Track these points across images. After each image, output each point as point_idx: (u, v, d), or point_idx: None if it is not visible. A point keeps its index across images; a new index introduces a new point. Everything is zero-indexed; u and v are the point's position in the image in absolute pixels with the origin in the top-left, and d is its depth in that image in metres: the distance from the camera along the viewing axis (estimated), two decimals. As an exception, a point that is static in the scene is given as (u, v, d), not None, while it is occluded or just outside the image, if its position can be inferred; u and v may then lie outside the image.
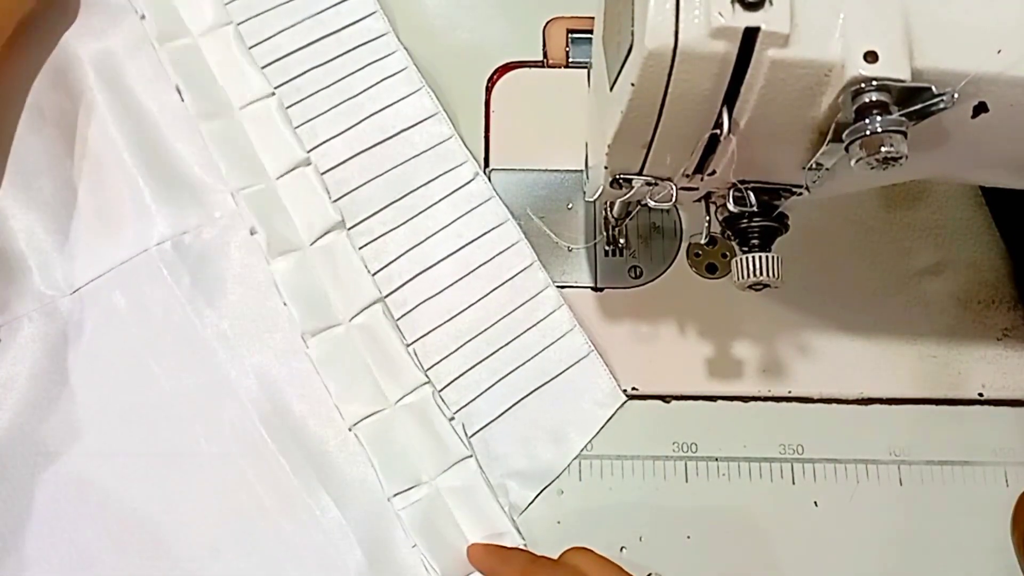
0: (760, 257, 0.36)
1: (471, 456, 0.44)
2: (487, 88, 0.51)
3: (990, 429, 0.45)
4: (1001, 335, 0.47)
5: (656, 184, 0.36)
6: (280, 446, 0.43)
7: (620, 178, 0.36)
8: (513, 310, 0.46)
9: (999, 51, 0.29)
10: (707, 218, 0.38)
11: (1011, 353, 0.47)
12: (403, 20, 0.52)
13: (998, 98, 0.30)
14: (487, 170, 0.49)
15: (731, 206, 0.35)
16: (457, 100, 0.51)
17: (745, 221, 0.36)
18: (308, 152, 0.48)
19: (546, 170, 0.49)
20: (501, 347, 0.46)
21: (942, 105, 0.28)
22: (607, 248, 0.48)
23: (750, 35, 0.28)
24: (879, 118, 0.28)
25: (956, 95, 0.28)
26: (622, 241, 0.46)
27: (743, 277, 0.36)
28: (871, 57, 0.28)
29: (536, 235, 0.48)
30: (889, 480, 0.44)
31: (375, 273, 0.46)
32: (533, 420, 0.45)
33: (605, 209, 0.44)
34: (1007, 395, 0.46)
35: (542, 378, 0.45)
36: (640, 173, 0.36)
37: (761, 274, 0.36)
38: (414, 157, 0.48)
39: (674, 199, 0.36)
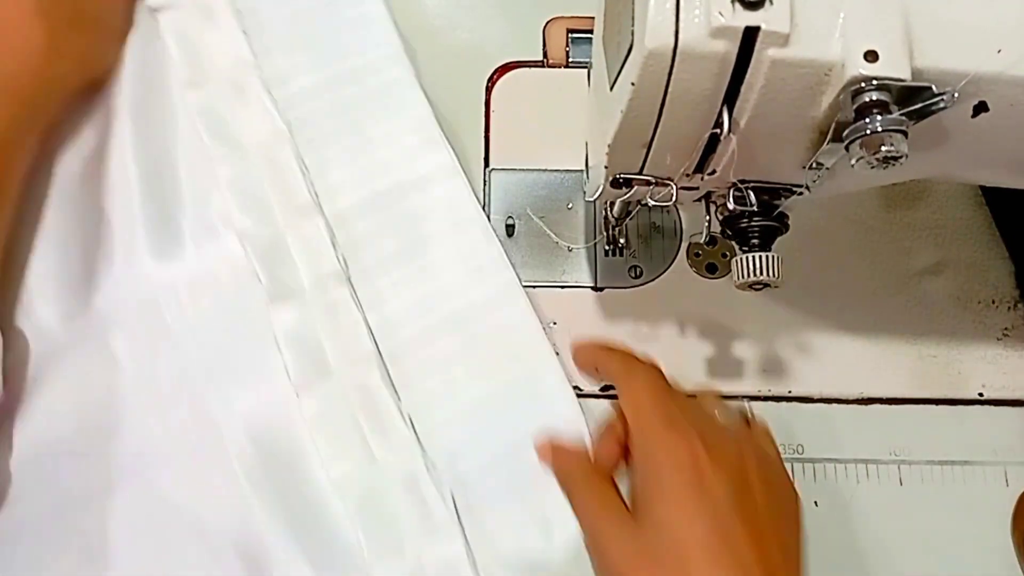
0: (760, 257, 0.36)
1: (459, 532, 0.41)
2: (487, 88, 0.51)
3: (990, 429, 0.45)
4: (1001, 335, 0.47)
5: (656, 184, 0.36)
6: (261, 498, 0.41)
7: (620, 178, 0.36)
8: (517, 383, 0.44)
9: (999, 50, 0.29)
10: (707, 217, 0.38)
11: (1011, 353, 0.47)
12: (403, 20, 0.52)
13: (998, 97, 0.30)
14: (487, 170, 0.49)
15: (731, 205, 0.35)
16: (457, 100, 0.51)
17: (745, 221, 0.36)
18: (318, 197, 0.46)
19: (546, 170, 0.49)
20: (502, 421, 0.43)
21: (942, 104, 0.28)
22: (607, 248, 0.48)
23: (750, 34, 0.28)
24: (879, 117, 0.28)
25: (956, 94, 0.28)
26: (622, 241, 0.46)
27: (743, 277, 0.36)
28: (871, 56, 0.28)
29: (536, 235, 0.48)
30: (889, 480, 0.44)
31: (375, 329, 0.44)
32: (528, 503, 0.42)
33: (605, 209, 0.44)
34: (1007, 395, 0.46)
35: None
36: (640, 173, 0.36)
37: (761, 274, 0.36)
38: (426, 212, 0.47)
39: (674, 199, 0.36)
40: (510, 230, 0.48)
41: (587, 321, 0.47)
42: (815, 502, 0.44)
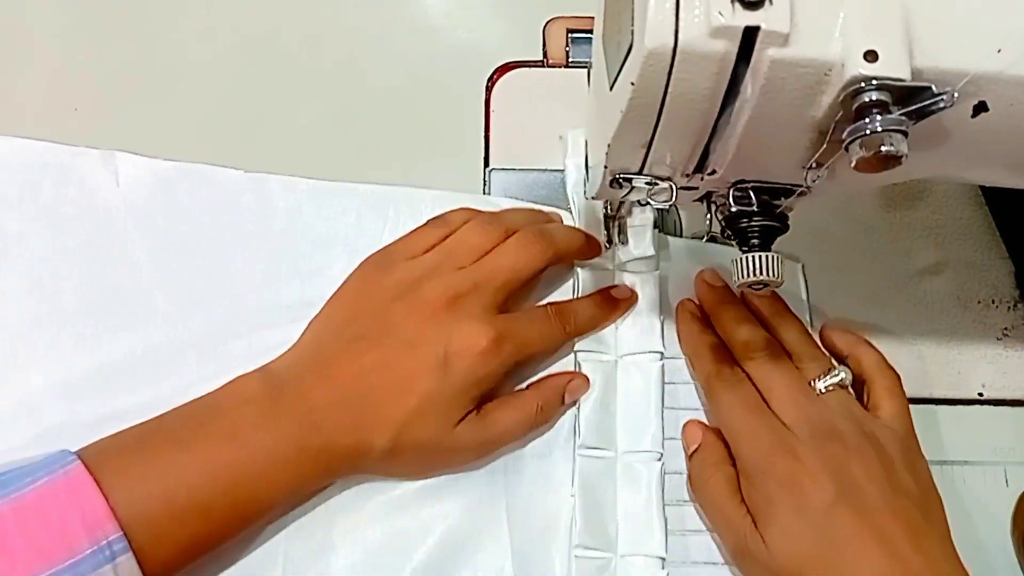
0: (760, 256, 0.36)
1: None
2: (487, 88, 0.51)
3: (990, 429, 0.45)
4: (1001, 335, 0.47)
5: (656, 184, 0.36)
6: None
7: (620, 177, 0.36)
8: None
9: (999, 50, 0.29)
10: (708, 215, 0.38)
11: (1011, 353, 0.47)
12: (403, 20, 0.52)
13: (998, 97, 0.30)
14: (487, 170, 0.49)
15: (731, 205, 0.35)
16: (457, 100, 0.51)
17: (745, 221, 0.36)
18: None
19: (546, 170, 0.49)
20: None
21: (942, 104, 0.28)
22: (607, 247, 0.47)
23: (750, 34, 0.28)
24: (879, 117, 0.28)
25: (956, 94, 0.28)
26: (622, 238, 0.46)
27: (743, 277, 0.36)
28: (871, 56, 0.28)
29: (536, 235, 0.48)
30: (889, 480, 0.44)
31: None
32: None
33: (605, 206, 0.44)
34: (1007, 395, 0.46)
35: None
36: (640, 172, 0.36)
37: (761, 273, 0.36)
38: None
39: (674, 199, 0.36)
40: (510, 230, 0.48)
41: (587, 321, 0.46)
42: (815, 502, 0.44)
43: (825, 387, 0.41)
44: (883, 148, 0.28)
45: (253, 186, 0.48)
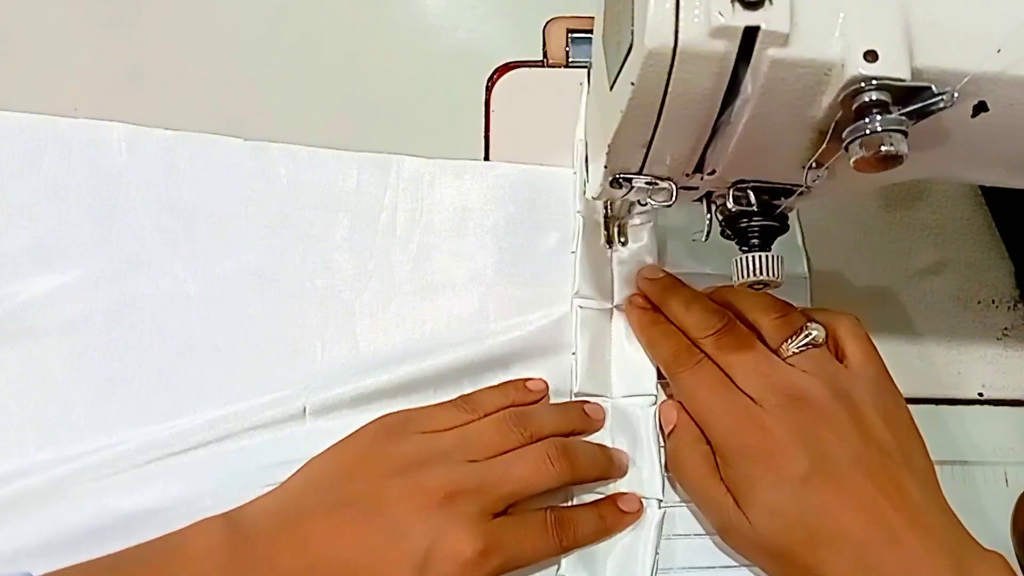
0: (760, 256, 0.36)
1: None
2: (487, 88, 0.51)
3: (990, 429, 0.45)
4: (1001, 335, 0.47)
5: (656, 183, 0.36)
6: None
7: (620, 177, 0.36)
8: None
9: (999, 50, 0.29)
10: (708, 216, 0.38)
11: (1011, 353, 0.47)
12: (403, 20, 0.52)
13: (998, 97, 0.30)
14: (487, 170, 0.49)
15: (731, 205, 0.35)
16: (457, 100, 0.51)
17: (745, 221, 0.36)
18: None
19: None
20: None
21: (942, 104, 0.28)
22: (607, 247, 0.47)
23: (750, 34, 0.28)
24: (879, 117, 0.28)
25: (956, 94, 0.28)
26: (621, 240, 0.46)
27: (743, 277, 0.36)
28: (871, 56, 0.28)
29: (536, 235, 0.47)
30: (889, 480, 0.44)
31: None
32: None
33: (606, 206, 0.44)
34: (1007, 395, 0.46)
35: None
36: (640, 172, 0.36)
37: (761, 273, 0.36)
38: None
39: (674, 199, 0.36)
40: (510, 230, 0.48)
41: (587, 321, 0.46)
42: (815, 502, 0.44)
43: (797, 348, 0.40)
44: (883, 148, 0.28)
45: (254, 153, 0.48)
